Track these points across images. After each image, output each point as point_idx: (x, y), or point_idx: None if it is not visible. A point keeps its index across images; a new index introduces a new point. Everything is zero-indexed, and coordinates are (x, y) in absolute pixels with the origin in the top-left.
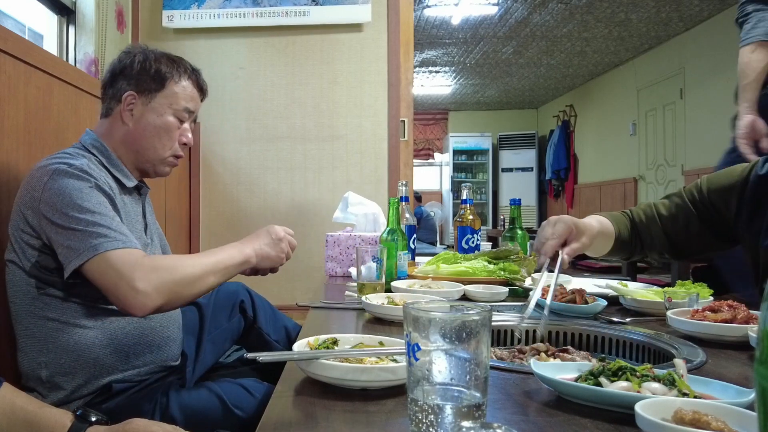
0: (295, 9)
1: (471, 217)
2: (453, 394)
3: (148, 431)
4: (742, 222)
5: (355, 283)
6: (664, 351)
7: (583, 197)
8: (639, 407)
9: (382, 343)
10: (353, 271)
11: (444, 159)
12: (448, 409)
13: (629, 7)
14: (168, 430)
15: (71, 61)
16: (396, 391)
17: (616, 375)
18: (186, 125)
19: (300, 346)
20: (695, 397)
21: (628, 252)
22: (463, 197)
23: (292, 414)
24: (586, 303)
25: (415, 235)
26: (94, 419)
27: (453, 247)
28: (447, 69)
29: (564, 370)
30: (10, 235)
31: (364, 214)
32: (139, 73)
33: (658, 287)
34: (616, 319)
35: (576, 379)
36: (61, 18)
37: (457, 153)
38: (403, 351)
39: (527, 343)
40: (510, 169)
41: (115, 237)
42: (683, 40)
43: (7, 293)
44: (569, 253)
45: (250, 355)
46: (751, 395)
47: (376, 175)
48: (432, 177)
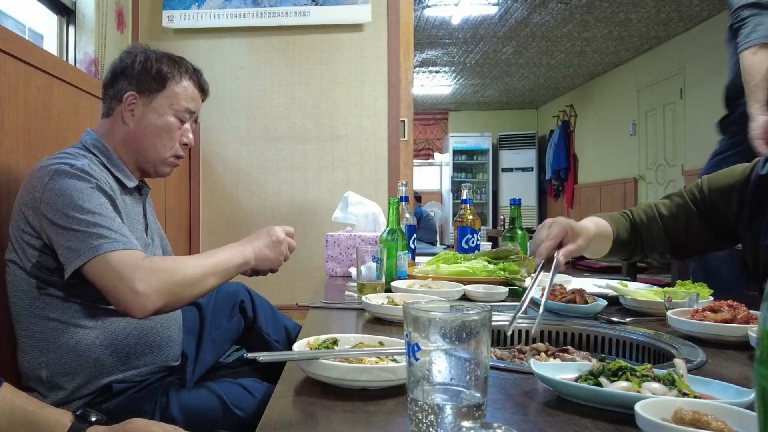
0: (295, 9)
1: (471, 217)
2: (453, 394)
3: (148, 431)
4: (743, 222)
5: (355, 283)
6: (664, 351)
7: (583, 197)
8: (639, 407)
9: (382, 343)
10: (353, 271)
11: (444, 159)
12: (448, 409)
13: (629, 7)
14: (168, 430)
15: (71, 61)
16: (396, 391)
17: (616, 375)
18: (187, 125)
19: (300, 346)
20: (695, 397)
21: (627, 253)
22: (463, 197)
23: (292, 414)
24: (586, 303)
25: (415, 235)
26: (94, 419)
27: (453, 247)
28: (447, 69)
29: (564, 370)
30: (10, 235)
31: (364, 214)
32: (140, 73)
33: (658, 287)
34: (616, 319)
35: (576, 379)
36: (61, 18)
37: (457, 153)
38: (403, 351)
39: (520, 343)
40: (510, 169)
41: (115, 238)
42: (683, 40)
43: (8, 293)
44: (565, 254)
45: (250, 355)
46: (751, 395)
47: (376, 175)
48: (432, 177)
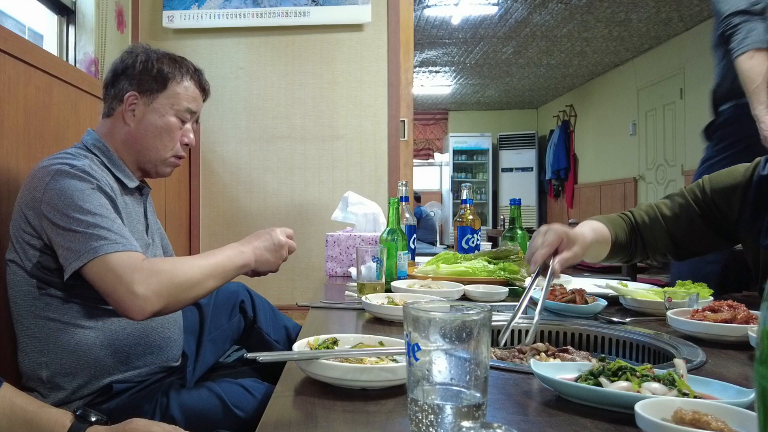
0: (295, 9)
1: (471, 217)
2: (453, 394)
3: (148, 431)
4: (745, 222)
5: (355, 283)
6: (664, 351)
7: (583, 197)
8: (639, 407)
9: (382, 343)
10: (353, 271)
11: (444, 159)
12: (448, 409)
13: (629, 7)
14: (168, 430)
15: (71, 61)
16: (396, 391)
17: (616, 375)
18: (188, 126)
19: (300, 346)
20: (695, 397)
21: (626, 255)
22: (463, 197)
23: (292, 414)
24: (586, 303)
25: (415, 235)
26: (94, 419)
27: (453, 247)
28: (447, 69)
29: (564, 370)
30: (11, 235)
31: (364, 214)
32: (141, 74)
33: (658, 287)
34: (616, 319)
35: (576, 379)
36: (61, 18)
37: (457, 153)
38: (403, 351)
39: (520, 344)
40: (510, 169)
41: (115, 240)
42: (683, 40)
43: (8, 293)
44: (560, 262)
45: (250, 355)
46: (751, 395)
47: (376, 175)
48: (432, 177)
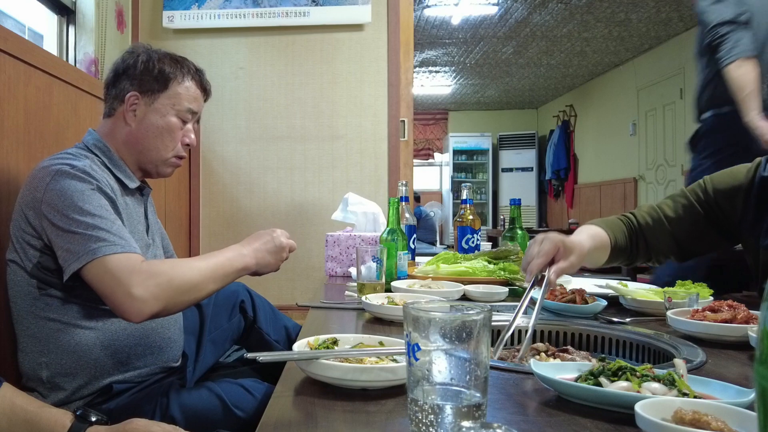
0: (295, 9)
1: (471, 217)
2: (453, 394)
3: (148, 431)
4: (747, 223)
5: (355, 283)
6: (664, 351)
7: (583, 197)
8: (639, 407)
9: (382, 343)
10: (353, 271)
11: (444, 159)
12: (448, 409)
13: (629, 7)
14: (168, 430)
15: (71, 61)
16: (396, 391)
17: (616, 375)
18: (189, 126)
19: (300, 346)
20: (695, 397)
21: (627, 258)
22: (463, 197)
23: (292, 414)
24: (586, 303)
25: (415, 235)
26: (94, 419)
27: (453, 247)
28: (447, 69)
29: (564, 370)
30: (11, 235)
31: (364, 214)
32: (143, 74)
33: (658, 287)
34: (616, 319)
35: (576, 379)
36: (61, 18)
37: (457, 153)
38: (403, 351)
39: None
40: (510, 169)
41: (114, 241)
42: (683, 40)
43: (8, 293)
44: (556, 272)
45: (250, 355)
46: (751, 395)
47: (376, 175)
48: (432, 177)
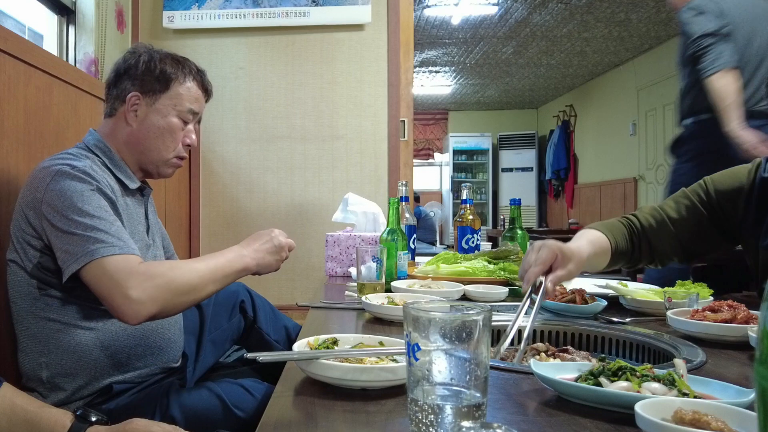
0: (295, 10)
1: (471, 217)
2: (453, 394)
3: (148, 431)
4: (747, 224)
5: (355, 283)
6: (664, 351)
7: (583, 197)
8: (639, 407)
9: (382, 343)
10: (353, 271)
11: (444, 159)
12: (448, 409)
13: (629, 7)
14: (168, 430)
15: (71, 61)
16: (396, 391)
17: (616, 375)
18: (190, 126)
19: (300, 346)
20: (695, 397)
21: (630, 261)
22: (463, 197)
23: (292, 414)
24: (586, 303)
25: (415, 235)
26: (94, 419)
27: (453, 247)
28: (447, 69)
29: (564, 370)
30: (11, 235)
31: (364, 214)
32: (144, 74)
33: (658, 287)
34: (616, 319)
35: (576, 379)
36: (61, 18)
37: (457, 153)
38: (403, 351)
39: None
40: (510, 169)
41: (112, 243)
42: None
43: (9, 293)
44: (553, 281)
45: (250, 355)
46: (751, 395)
47: (376, 175)
48: (432, 177)
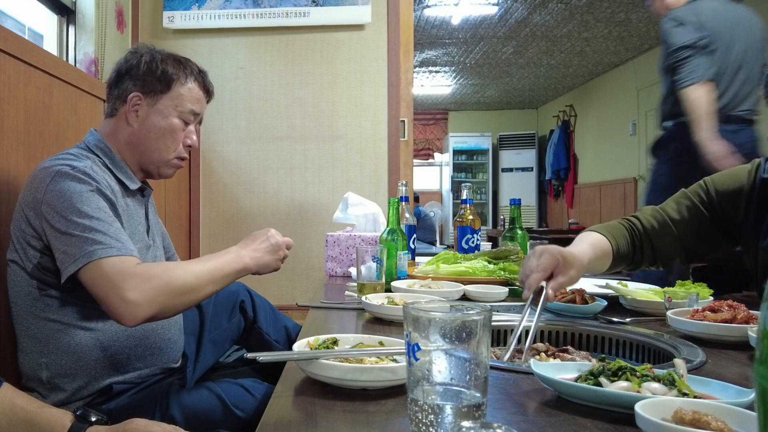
0: (295, 10)
1: (471, 217)
2: (453, 394)
3: (148, 431)
4: (748, 224)
5: (355, 283)
6: (664, 351)
7: (583, 197)
8: (639, 407)
9: (382, 343)
10: (353, 271)
11: (444, 159)
12: (448, 409)
13: (629, 7)
14: (168, 430)
15: (71, 61)
16: (396, 391)
17: (616, 375)
18: (191, 127)
19: (300, 346)
20: (695, 397)
21: (630, 263)
22: (463, 197)
23: (292, 414)
24: (586, 303)
25: (414, 235)
26: (94, 419)
27: (453, 247)
28: (447, 69)
29: (564, 370)
30: (11, 235)
31: (364, 214)
32: (146, 74)
33: (658, 287)
34: (616, 319)
35: (576, 379)
36: (61, 18)
37: (457, 153)
38: (403, 351)
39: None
40: (510, 169)
41: (110, 244)
42: None
43: (9, 293)
44: (554, 287)
45: (250, 355)
46: (751, 395)
47: (376, 175)
48: (432, 177)
